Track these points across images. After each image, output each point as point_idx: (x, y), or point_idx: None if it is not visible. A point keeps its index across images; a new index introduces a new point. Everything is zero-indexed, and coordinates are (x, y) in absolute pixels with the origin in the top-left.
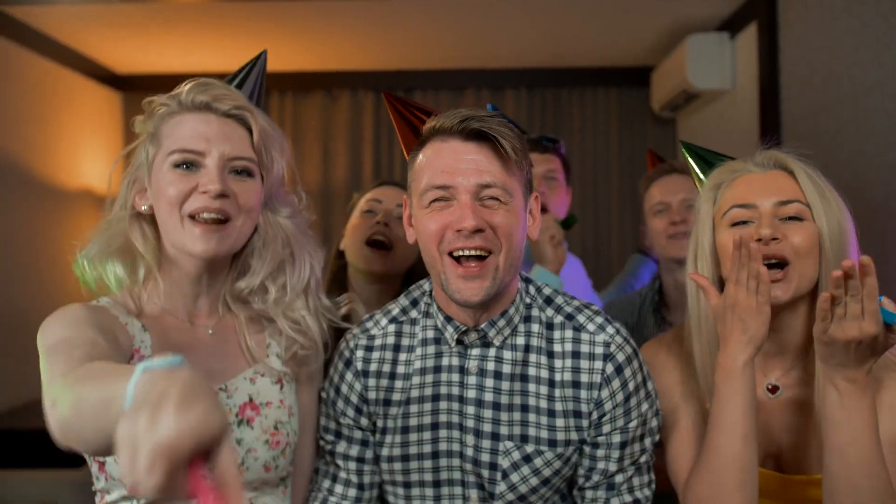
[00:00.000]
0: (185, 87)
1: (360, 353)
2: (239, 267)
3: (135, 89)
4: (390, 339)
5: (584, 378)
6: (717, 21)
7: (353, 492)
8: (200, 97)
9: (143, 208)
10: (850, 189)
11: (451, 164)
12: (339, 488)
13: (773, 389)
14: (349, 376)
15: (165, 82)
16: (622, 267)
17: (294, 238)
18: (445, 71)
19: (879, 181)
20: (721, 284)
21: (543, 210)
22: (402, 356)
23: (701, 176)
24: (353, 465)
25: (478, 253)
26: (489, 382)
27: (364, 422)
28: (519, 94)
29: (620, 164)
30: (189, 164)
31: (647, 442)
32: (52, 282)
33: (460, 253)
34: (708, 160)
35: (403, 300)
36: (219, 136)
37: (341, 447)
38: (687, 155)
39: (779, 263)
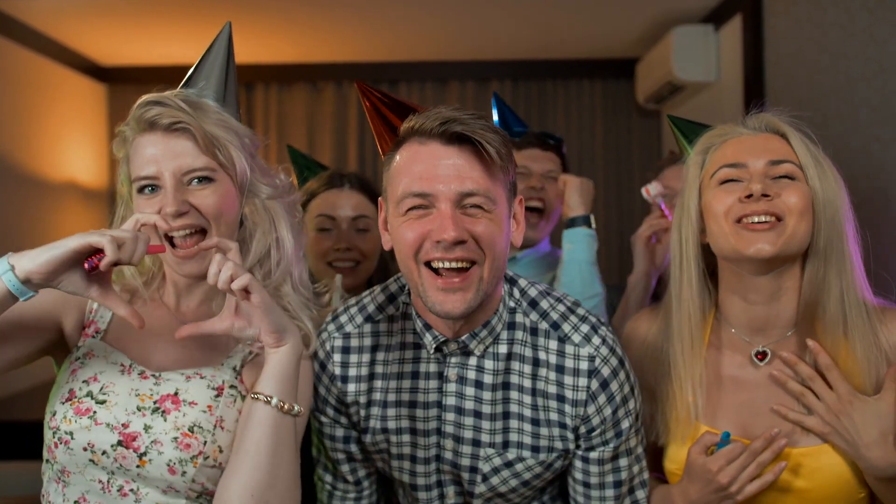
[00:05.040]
0: (134, 107)
1: (337, 357)
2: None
3: (119, 81)
4: (367, 341)
5: (568, 394)
6: (703, 13)
7: (351, 488)
8: (145, 116)
9: None
10: None
11: (429, 170)
12: (340, 485)
13: (762, 356)
14: (325, 379)
15: (150, 74)
16: (606, 258)
17: (279, 219)
18: (430, 63)
19: (864, 174)
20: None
21: (542, 210)
22: (381, 356)
23: (689, 147)
24: (346, 468)
25: (459, 265)
26: (469, 391)
27: (344, 420)
28: (504, 85)
29: (605, 156)
30: (152, 188)
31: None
32: None
33: (439, 265)
34: (696, 133)
35: (380, 295)
36: (167, 155)
37: (330, 444)
38: (674, 129)
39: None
